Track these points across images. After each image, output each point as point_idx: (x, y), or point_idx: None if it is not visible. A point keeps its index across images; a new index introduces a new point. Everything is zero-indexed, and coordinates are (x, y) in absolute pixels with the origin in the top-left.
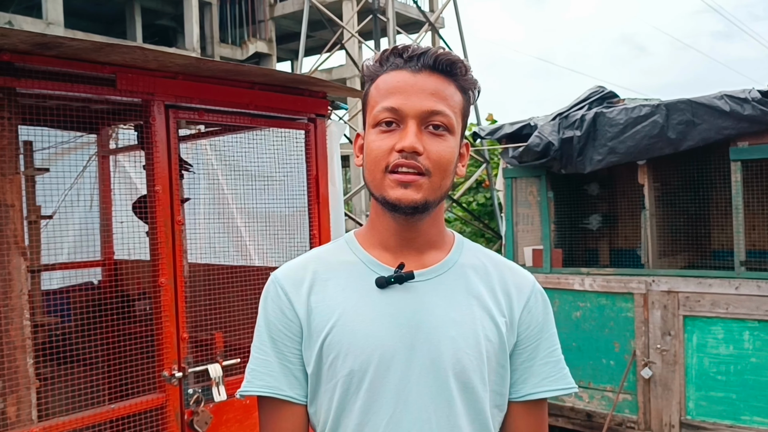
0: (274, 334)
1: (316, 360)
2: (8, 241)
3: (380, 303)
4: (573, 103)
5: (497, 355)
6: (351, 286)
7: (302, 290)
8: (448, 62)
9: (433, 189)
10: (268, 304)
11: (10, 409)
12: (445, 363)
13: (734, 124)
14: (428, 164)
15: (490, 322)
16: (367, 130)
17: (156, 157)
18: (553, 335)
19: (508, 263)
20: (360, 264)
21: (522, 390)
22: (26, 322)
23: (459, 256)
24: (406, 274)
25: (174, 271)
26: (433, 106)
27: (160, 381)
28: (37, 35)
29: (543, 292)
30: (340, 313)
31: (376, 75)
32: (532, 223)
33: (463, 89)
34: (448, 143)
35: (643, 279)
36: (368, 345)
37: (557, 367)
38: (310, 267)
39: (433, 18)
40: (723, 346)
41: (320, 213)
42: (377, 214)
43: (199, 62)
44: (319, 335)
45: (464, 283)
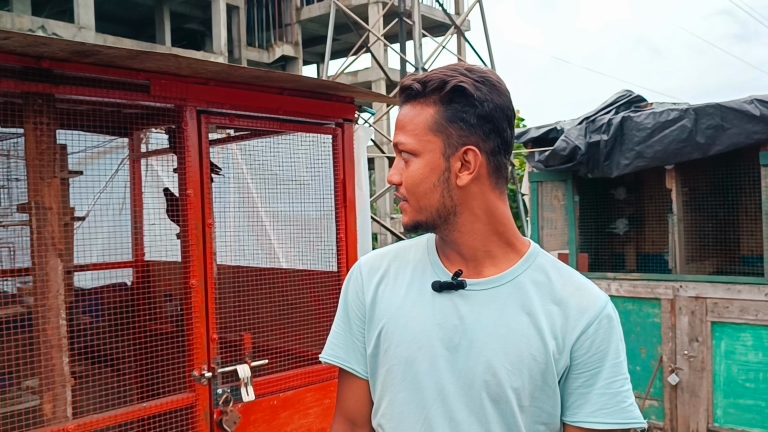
0: (350, 311)
1: (375, 345)
2: (46, 243)
3: (433, 305)
4: (600, 107)
5: (543, 375)
6: (414, 284)
7: (375, 278)
8: (402, 90)
9: (414, 211)
10: (350, 283)
11: (46, 406)
12: (480, 373)
13: (764, 129)
14: (403, 191)
15: (539, 342)
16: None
17: (188, 161)
18: (616, 365)
19: (578, 281)
20: (428, 265)
21: (577, 415)
22: (62, 322)
23: (524, 270)
24: (457, 281)
25: (204, 273)
26: (396, 140)
27: (190, 381)
28: (76, 44)
29: (611, 318)
30: (398, 307)
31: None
32: (557, 227)
33: (439, 101)
34: (411, 167)
35: (670, 284)
36: (416, 341)
37: (615, 399)
38: (387, 258)
39: (459, 21)
40: (752, 353)
41: (347, 216)
42: None
43: (230, 69)
44: (379, 323)
45: (520, 299)
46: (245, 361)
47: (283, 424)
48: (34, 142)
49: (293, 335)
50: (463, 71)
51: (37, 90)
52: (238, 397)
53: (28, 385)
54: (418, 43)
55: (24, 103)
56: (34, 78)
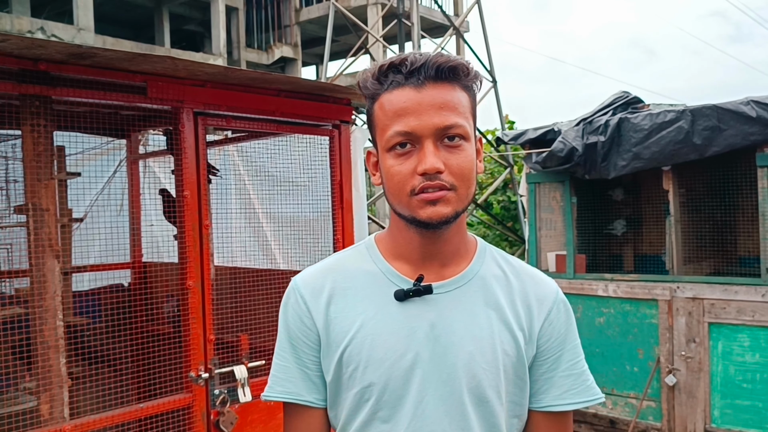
0: (294, 340)
1: (336, 369)
2: (43, 244)
3: (399, 316)
4: (597, 109)
5: (515, 368)
6: (370, 298)
7: (321, 300)
8: (450, 68)
9: (460, 200)
10: (288, 310)
11: (43, 407)
12: (460, 378)
13: (761, 130)
14: (452, 180)
15: (508, 336)
16: (381, 152)
17: (185, 163)
18: (575, 347)
19: (531, 272)
20: (380, 274)
21: (543, 400)
22: (59, 323)
23: (480, 266)
24: (425, 287)
25: (201, 274)
26: (446, 121)
27: (187, 381)
28: (73, 46)
29: (566, 302)
30: (360, 325)
31: (377, 94)
32: (555, 228)
33: (468, 88)
34: (466, 153)
35: (667, 285)
36: (387, 358)
37: (580, 379)
38: (329, 276)
39: (458, 22)
40: (749, 354)
41: (344, 217)
42: (399, 229)
43: (227, 71)
44: (339, 346)
45: (483, 295)
46: (242, 362)
47: (280, 425)
48: (32, 144)
49: None
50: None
51: (34, 92)
52: (235, 398)
53: (26, 386)
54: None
55: (21, 105)
56: (32, 80)
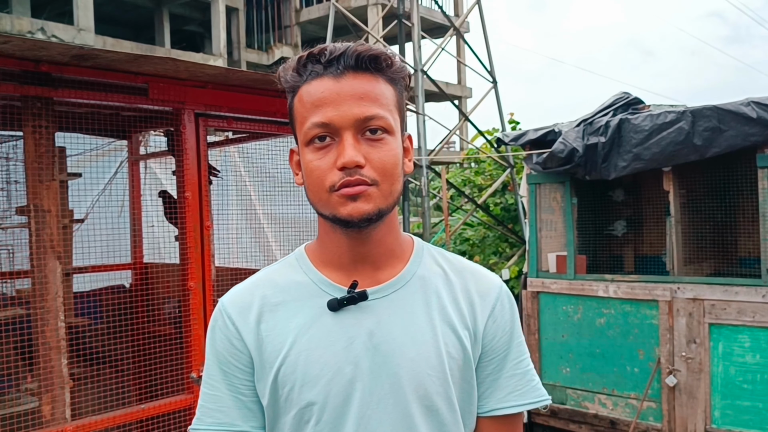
0: (224, 365)
1: (271, 391)
2: (45, 245)
3: (334, 327)
4: (598, 110)
5: (462, 372)
6: (302, 311)
7: (250, 318)
8: (371, 58)
9: (384, 197)
10: (215, 334)
11: (45, 407)
12: (406, 387)
13: (761, 131)
14: (374, 175)
15: (453, 337)
16: (301, 148)
17: (186, 164)
18: (520, 344)
19: (471, 267)
20: (311, 285)
21: (488, 404)
22: (61, 324)
23: (418, 266)
24: (359, 293)
25: (203, 275)
26: (366, 112)
27: (188, 382)
28: (75, 47)
29: (510, 296)
30: (293, 342)
31: (297, 86)
32: (556, 229)
33: (393, 80)
34: (389, 146)
35: (668, 286)
36: (324, 374)
37: (524, 379)
38: (257, 292)
39: (458, 23)
40: (749, 355)
41: None
42: (326, 231)
43: (228, 72)
44: (272, 366)
45: (423, 297)
46: None
47: None
48: (33, 145)
49: None
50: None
51: (36, 93)
52: None
53: (27, 387)
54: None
55: (23, 107)
56: (33, 81)
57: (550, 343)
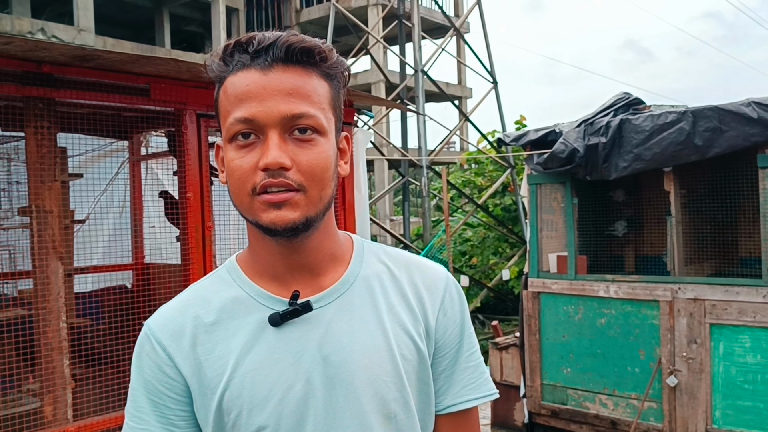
0: (154, 395)
1: (215, 420)
2: (47, 246)
3: (278, 343)
4: (598, 110)
5: (418, 373)
6: (242, 329)
7: (184, 342)
8: (303, 50)
9: (312, 204)
10: (143, 361)
11: (47, 408)
12: (362, 397)
13: (762, 131)
14: (300, 178)
15: (405, 338)
16: (224, 144)
17: (188, 165)
18: (471, 335)
19: (415, 260)
20: (248, 299)
21: (443, 401)
22: (63, 324)
23: (360, 266)
24: (302, 305)
25: (204, 275)
26: (294, 109)
27: None
28: (77, 48)
29: (458, 286)
30: (236, 363)
31: (223, 77)
32: (556, 230)
33: (329, 76)
34: (319, 148)
35: (668, 286)
36: (274, 394)
37: (477, 371)
38: (189, 311)
39: (458, 23)
40: (750, 355)
41: (346, 218)
42: (256, 238)
43: None
44: (215, 392)
45: (370, 298)
46: None
47: None
48: (35, 146)
49: None
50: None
51: (38, 94)
52: None
53: (29, 388)
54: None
55: (25, 107)
56: (35, 82)
57: (551, 343)
